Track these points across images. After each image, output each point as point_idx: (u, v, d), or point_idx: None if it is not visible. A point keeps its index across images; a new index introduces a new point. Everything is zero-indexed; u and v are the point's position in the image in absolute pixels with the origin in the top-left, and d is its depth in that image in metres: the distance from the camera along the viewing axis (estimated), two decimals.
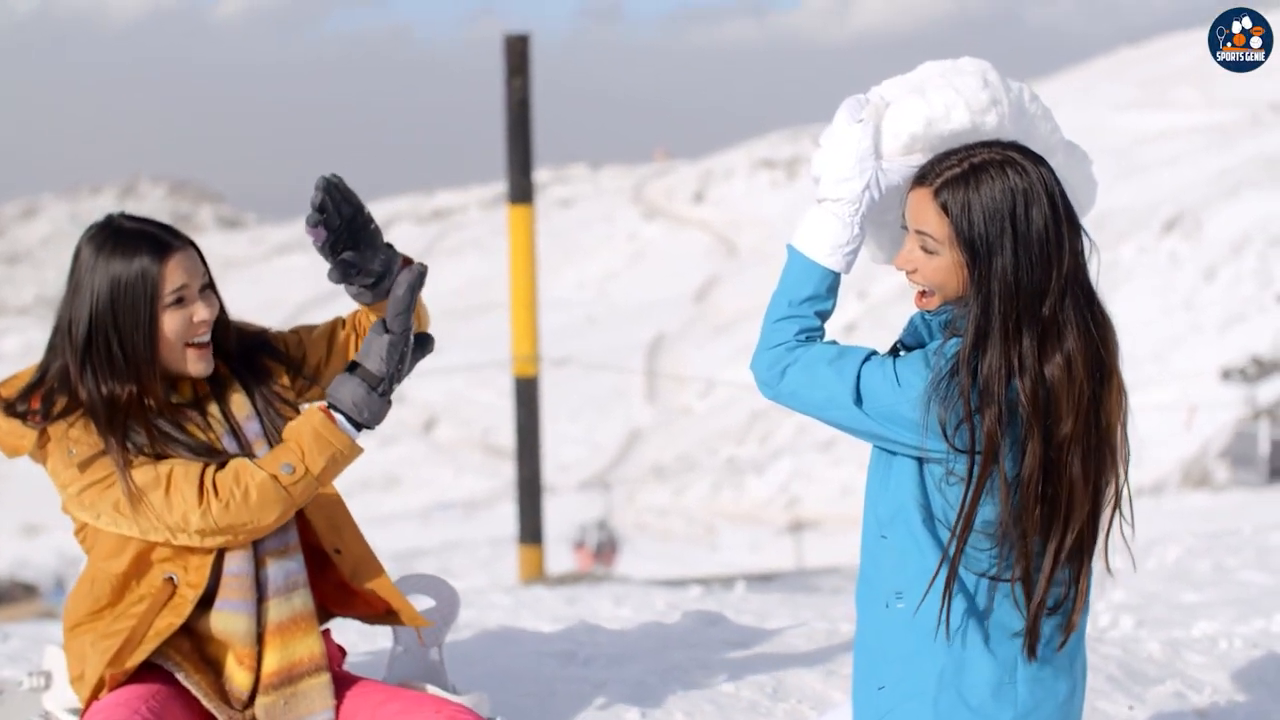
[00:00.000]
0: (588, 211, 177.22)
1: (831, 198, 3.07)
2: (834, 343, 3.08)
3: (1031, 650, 3.01)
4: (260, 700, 3.48)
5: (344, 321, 3.83)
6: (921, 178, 3.03)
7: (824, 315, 3.10)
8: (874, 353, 3.04)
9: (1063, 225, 2.97)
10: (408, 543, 58.51)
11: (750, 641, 5.14)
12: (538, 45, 11.01)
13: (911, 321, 3.12)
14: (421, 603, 4.04)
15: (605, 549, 54.99)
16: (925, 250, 3.02)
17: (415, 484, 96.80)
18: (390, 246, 3.64)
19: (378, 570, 3.68)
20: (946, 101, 3.06)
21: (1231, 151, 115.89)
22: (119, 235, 3.47)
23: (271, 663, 3.49)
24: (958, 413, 2.91)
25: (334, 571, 3.69)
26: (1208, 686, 5.10)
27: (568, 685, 4.52)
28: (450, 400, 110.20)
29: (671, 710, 4.37)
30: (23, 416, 3.45)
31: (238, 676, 3.48)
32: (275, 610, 3.51)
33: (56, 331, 3.51)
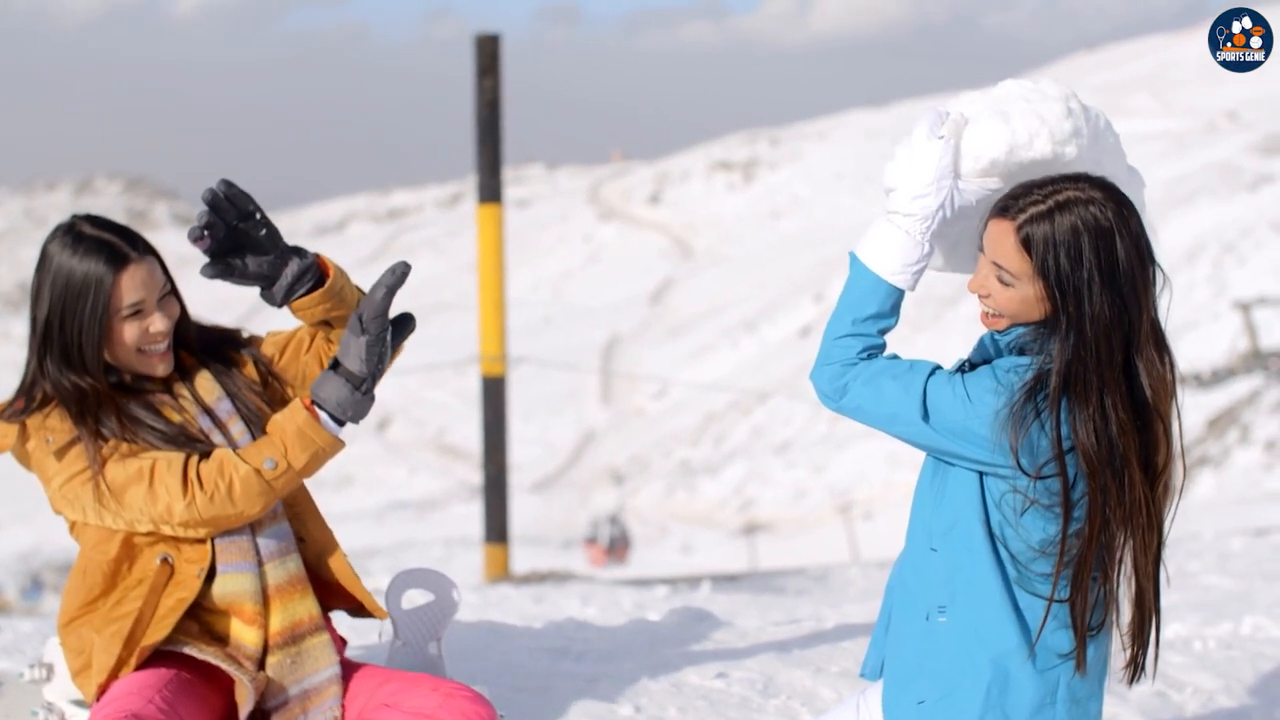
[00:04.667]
0: (544, 212, 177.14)
1: (904, 212, 3.03)
2: (895, 356, 3.06)
3: (1081, 668, 3.00)
4: (269, 660, 3.54)
5: (310, 330, 3.83)
6: (1003, 210, 2.98)
7: (886, 331, 3.08)
8: (938, 367, 3.02)
9: (1147, 266, 2.95)
10: (361, 542, 58.36)
11: (738, 638, 5.17)
12: None
13: (981, 341, 3.09)
14: (420, 598, 4.06)
15: (618, 544, 53.68)
16: (1001, 281, 2.98)
17: (368, 483, 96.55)
18: (297, 250, 3.61)
19: (340, 558, 3.73)
20: (1030, 129, 3.01)
21: (1186, 159, 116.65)
22: (78, 241, 3.49)
23: (276, 623, 3.56)
24: (1039, 445, 2.91)
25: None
26: (1189, 686, 5.16)
27: (562, 681, 4.54)
28: (404, 400, 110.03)
29: (665, 705, 4.40)
30: (6, 417, 3.51)
31: (247, 637, 3.53)
32: (273, 573, 3.57)
33: (29, 333, 3.57)
